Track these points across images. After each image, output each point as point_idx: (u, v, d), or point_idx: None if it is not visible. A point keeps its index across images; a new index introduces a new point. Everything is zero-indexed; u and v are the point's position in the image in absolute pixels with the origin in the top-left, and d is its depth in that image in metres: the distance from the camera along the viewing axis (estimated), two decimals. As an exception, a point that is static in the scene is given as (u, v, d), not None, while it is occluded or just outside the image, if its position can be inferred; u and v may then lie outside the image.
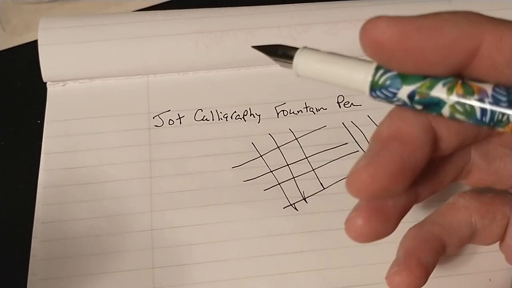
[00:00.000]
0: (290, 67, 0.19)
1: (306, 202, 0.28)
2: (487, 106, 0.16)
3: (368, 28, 0.17)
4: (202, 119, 0.30)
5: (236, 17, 0.31)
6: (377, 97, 0.18)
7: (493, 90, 0.17)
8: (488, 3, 0.31)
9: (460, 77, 0.17)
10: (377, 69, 0.18)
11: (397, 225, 0.20)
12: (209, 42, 0.31)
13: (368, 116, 0.30)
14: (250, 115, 0.30)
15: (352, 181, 0.18)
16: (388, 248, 0.23)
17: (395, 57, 0.17)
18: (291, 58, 0.19)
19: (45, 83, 0.31)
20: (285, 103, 0.31)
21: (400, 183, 0.18)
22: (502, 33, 0.16)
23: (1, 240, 0.27)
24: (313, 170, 0.29)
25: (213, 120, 0.30)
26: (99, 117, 0.30)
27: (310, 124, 0.30)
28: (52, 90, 0.30)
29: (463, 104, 0.17)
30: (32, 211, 0.27)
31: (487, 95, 0.16)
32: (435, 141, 0.19)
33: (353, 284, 0.26)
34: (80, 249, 0.27)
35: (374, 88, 0.18)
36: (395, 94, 0.17)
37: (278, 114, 0.30)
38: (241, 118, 0.30)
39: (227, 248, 0.27)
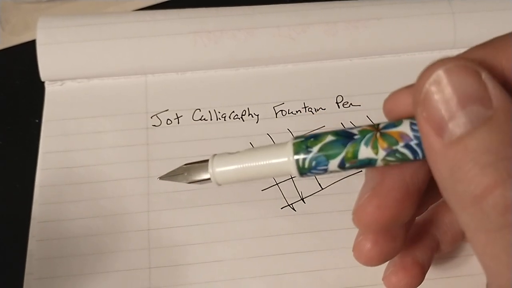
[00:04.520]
0: (208, 181, 0.18)
1: (304, 203, 0.28)
2: (415, 147, 0.16)
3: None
4: (200, 119, 0.30)
5: (235, 16, 0.31)
6: (312, 175, 0.18)
7: (412, 129, 0.16)
8: (488, 4, 0.31)
9: (375, 127, 0.17)
10: (297, 153, 0.17)
11: (404, 242, 0.20)
12: (207, 41, 0.30)
13: (367, 116, 0.30)
14: (249, 115, 0.30)
15: (359, 216, 0.18)
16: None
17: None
18: (204, 170, 0.18)
19: (43, 82, 0.31)
20: (283, 103, 0.30)
21: (408, 207, 0.18)
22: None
23: (-2, 239, 0.27)
24: (311, 170, 0.29)
25: (211, 120, 0.30)
26: (97, 117, 0.30)
27: (309, 124, 0.30)
28: (50, 90, 0.30)
29: (393, 155, 0.16)
30: (29, 210, 0.27)
31: (410, 138, 0.16)
32: None
33: (350, 285, 0.26)
34: (77, 249, 0.27)
35: (304, 172, 0.17)
36: (325, 170, 0.17)
37: (276, 114, 0.30)
38: (239, 118, 0.30)
39: (224, 248, 0.27)
